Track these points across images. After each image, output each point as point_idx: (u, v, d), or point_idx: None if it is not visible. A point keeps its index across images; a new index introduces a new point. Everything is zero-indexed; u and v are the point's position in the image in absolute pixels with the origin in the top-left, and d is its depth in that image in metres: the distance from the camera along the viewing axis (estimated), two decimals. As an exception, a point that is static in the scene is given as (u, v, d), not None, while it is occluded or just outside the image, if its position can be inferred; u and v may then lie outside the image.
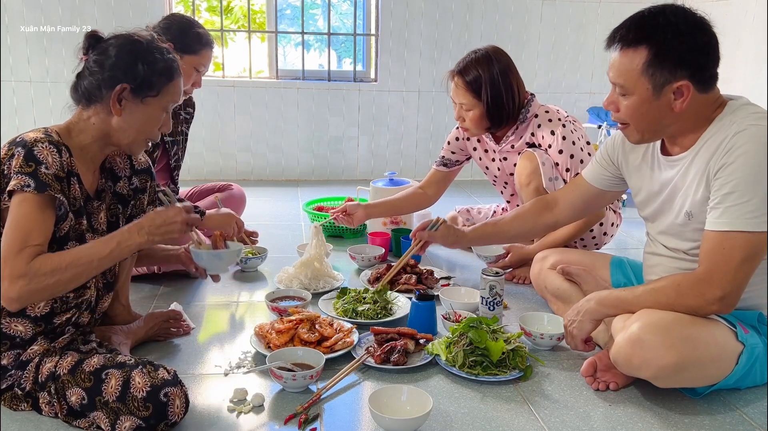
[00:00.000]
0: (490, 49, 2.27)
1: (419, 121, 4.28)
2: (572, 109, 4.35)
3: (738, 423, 1.53)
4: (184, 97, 2.43)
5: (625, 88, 1.52)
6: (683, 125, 1.54)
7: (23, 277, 1.33)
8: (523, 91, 2.33)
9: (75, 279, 1.41)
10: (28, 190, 1.36)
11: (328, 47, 4.25)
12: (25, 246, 1.34)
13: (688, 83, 1.46)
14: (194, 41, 2.29)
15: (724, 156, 1.45)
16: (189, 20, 2.38)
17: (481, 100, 2.25)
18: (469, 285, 2.29)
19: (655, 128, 1.55)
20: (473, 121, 2.29)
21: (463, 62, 2.27)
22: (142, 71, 1.48)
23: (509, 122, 2.33)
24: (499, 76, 2.23)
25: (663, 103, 1.49)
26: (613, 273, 1.95)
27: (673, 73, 1.45)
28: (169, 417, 1.38)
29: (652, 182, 1.68)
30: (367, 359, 1.74)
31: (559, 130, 2.27)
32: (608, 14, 4.26)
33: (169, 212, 1.51)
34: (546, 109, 2.34)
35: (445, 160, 2.59)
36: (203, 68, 2.36)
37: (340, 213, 2.51)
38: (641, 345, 1.47)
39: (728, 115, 1.50)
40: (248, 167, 4.18)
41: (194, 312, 2.08)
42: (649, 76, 1.47)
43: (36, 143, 1.40)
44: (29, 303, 1.41)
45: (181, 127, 2.57)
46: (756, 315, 1.59)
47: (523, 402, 1.60)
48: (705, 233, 1.48)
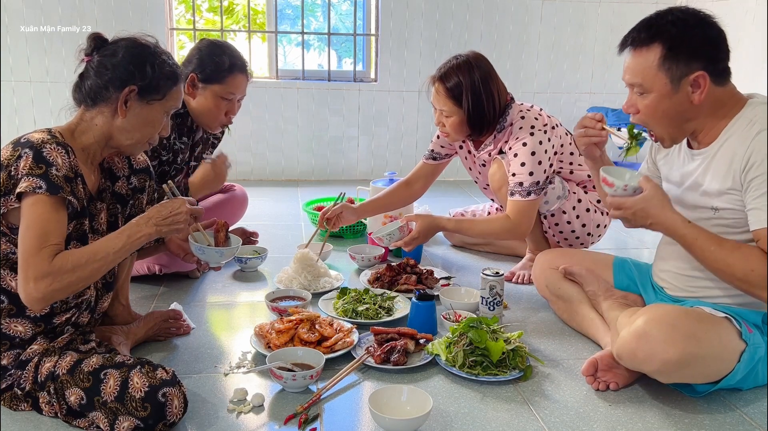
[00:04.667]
0: (470, 56, 2.25)
1: (419, 121, 4.27)
2: (572, 108, 4.35)
3: (738, 423, 1.53)
4: (222, 128, 2.36)
5: (644, 86, 1.54)
6: (703, 120, 1.56)
7: (47, 276, 1.33)
8: (503, 98, 2.29)
9: (93, 275, 1.42)
10: (40, 191, 1.36)
11: (328, 47, 4.25)
12: (45, 246, 1.35)
13: (704, 74, 1.49)
14: (218, 69, 2.19)
15: (752, 156, 1.46)
16: (214, 45, 2.25)
17: (461, 107, 2.23)
18: (469, 285, 2.29)
19: (679, 124, 1.57)
20: (453, 127, 2.28)
21: (443, 68, 2.25)
22: (150, 74, 1.49)
23: (489, 129, 2.31)
24: (480, 83, 2.21)
25: (682, 96, 1.52)
26: (615, 274, 1.95)
27: (689, 64, 1.49)
28: (167, 417, 1.38)
29: (675, 171, 1.70)
30: (367, 359, 1.74)
31: (529, 141, 2.23)
32: (608, 14, 4.26)
33: (174, 203, 1.53)
34: (522, 114, 2.29)
35: (435, 153, 2.59)
36: (232, 96, 2.24)
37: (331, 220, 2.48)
38: (647, 338, 1.47)
39: (748, 113, 1.52)
40: (248, 167, 4.18)
41: (194, 312, 2.08)
42: (665, 71, 1.50)
43: (44, 144, 1.40)
44: (52, 302, 1.41)
45: (208, 152, 2.54)
46: (761, 316, 1.59)
47: (523, 402, 1.60)
48: (757, 232, 1.47)
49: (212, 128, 2.33)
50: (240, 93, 2.28)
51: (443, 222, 2.36)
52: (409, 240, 2.32)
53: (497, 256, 2.75)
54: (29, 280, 1.33)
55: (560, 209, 2.39)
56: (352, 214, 2.52)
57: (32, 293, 1.34)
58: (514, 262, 2.60)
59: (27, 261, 1.34)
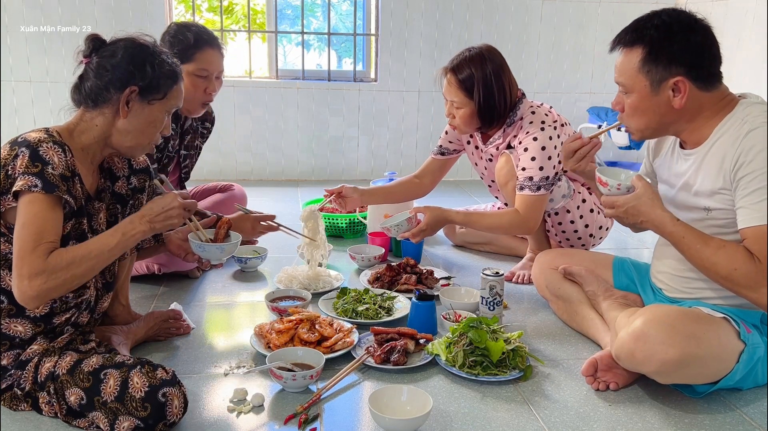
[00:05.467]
0: (484, 48, 2.25)
1: (419, 121, 4.27)
2: (572, 108, 4.35)
3: (738, 423, 1.53)
4: (205, 108, 2.32)
5: (626, 86, 1.58)
6: (689, 122, 1.57)
7: (42, 274, 1.33)
8: (515, 92, 2.30)
9: (87, 273, 1.42)
10: (36, 190, 1.36)
11: (328, 47, 4.25)
12: (40, 244, 1.35)
13: (683, 79, 1.50)
14: (185, 47, 2.16)
15: (742, 155, 1.47)
16: (179, 26, 2.22)
17: (472, 99, 2.23)
18: (469, 285, 2.29)
19: (656, 125, 1.59)
20: (463, 119, 2.28)
21: (456, 59, 2.26)
22: (151, 73, 1.50)
23: (499, 122, 2.32)
24: (492, 76, 2.21)
25: (662, 99, 1.54)
26: (615, 274, 1.95)
27: (668, 69, 1.51)
28: (167, 417, 1.38)
29: (668, 172, 1.71)
30: (367, 359, 1.74)
31: (540, 136, 2.22)
32: (608, 14, 4.26)
33: (165, 199, 1.53)
34: (533, 110, 2.29)
35: (443, 149, 2.60)
36: (206, 72, 2.20)
37: (335, 194, 2.47)
38: (645, 339, 1.47)
39: (740, 113, 1.52)
40: (248, 167, 4.18)
41: (194, 312, 2.08)
42: (645, 73, 1.53)
43: (41, 143, 1.40)
44: (47, 300, 1.41)
45: (197, 141, 2.53)
46: (759, 316, 1.59)
47: (523, 402, 1.60)
48: (744, 231, 1.47)
49: (193, 111, 2.29)
50: (213, 68, 2.22)
51: (452, 215, 2.33)
52: (417, 232, 2.27)
53: (497, 256, 2.75)
54: (23, 278, 1.33)
55: (564, 208, 2.39)
56: (354, 192, 2.48)
57: (26, 291, 1.34)
58: (514, 262, 2.60)
59: (22, 259, 1.34)
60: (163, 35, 2.22)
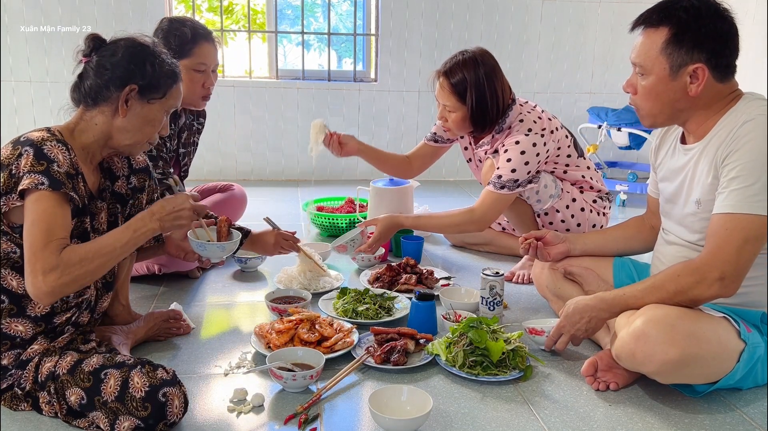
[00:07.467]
0: (477, 52, 2.26)
1: (419, 121, 4.27)
2: (572, 108, 4.35)
3: (738, 423, 1.53)
4: (206, 102, 2.34)
5: (644, 67, 1.56)
6: (697, 113, 1.57)
7: (55, 270, 1.34)
8: (507, 96, 2.30)
9: (99, 269, 1.42)
10: (43, 187, 1.36)
11: (328, 47, 4.25)
12: (51, 240, 1.35)
13: (704, 66, 1.50)
14: (182, 42, 2.17)
15: (732, 143, 1.48)
16: (171, 21, 2.23)
17: (465, 103, 2.24)
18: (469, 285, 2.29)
19: (669, 111, 1.58)
20: (456, 122, 2.30)
21: (449, 63, 2.26)
22: (150, 72, 1.50)
23: (491, 127, 2.32)
24: (485, 81, 2.22)
25: (679, 85, 1.53)
26: (615, 274, 1.95)
27: (690, 54, 1.50)
28: (168, 417, 1.38)
29: (668, 168, 1.71)
30: (367, 359, 1.74)
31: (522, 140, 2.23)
32: (608, 14, 4.26)
33: (177, 199, 1.55)
34: (522, 117, 2.29)
35: (437, 136, 2.61)
36: (204, 66, 2.22)
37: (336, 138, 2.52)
38: (645, 339, 1.47)
39: (741, 107, 1.53)
40: (248, 167, 4.18)
41: (194, 312, 2.08)
42: (667, 56, 1.51)
43: (44, 142, 1.41)
44: (60, 296, 1.40)
45: (194, 137, 2.54)
46: (759, 315, 1.59)
47: (523, 402, 1.60)
48: (711, 218, 1.50)
49: (196, 104, 2.32)
50: (211, 62, 2.25)
51: (401, 219, 2.40)
52: (372, 243, 2.37)
53: (497, 256, 2.75)
54: (38, 274, 1.33)
55: (553, 208, 2.39)
56: (352, 140, 2.56)
57: (41, 287, 1.34)
58: (514, 262, 2.60)
59: (35, 255, 1.34)
60: (155, 31, 2.23)
